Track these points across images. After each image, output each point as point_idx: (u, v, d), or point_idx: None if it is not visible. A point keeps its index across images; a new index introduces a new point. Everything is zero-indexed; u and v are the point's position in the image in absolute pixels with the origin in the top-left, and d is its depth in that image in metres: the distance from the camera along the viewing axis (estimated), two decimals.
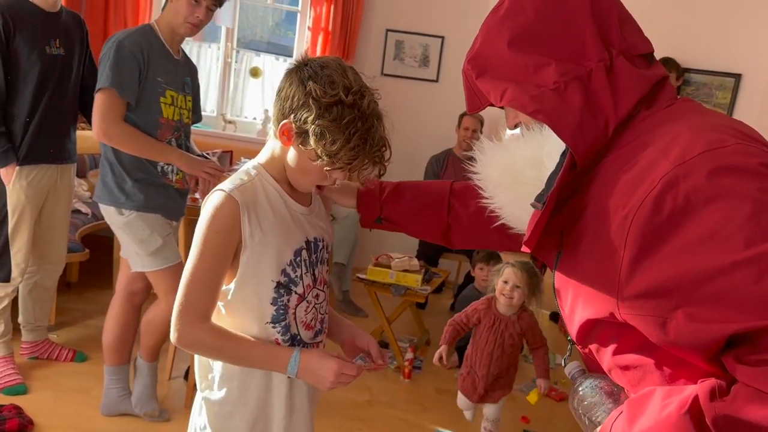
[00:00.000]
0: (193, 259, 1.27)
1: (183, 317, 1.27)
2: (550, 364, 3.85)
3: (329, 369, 1.30)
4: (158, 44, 2.41)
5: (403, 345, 3.62)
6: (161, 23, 2.44)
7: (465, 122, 4.50)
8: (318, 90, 1.22)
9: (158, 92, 2.40)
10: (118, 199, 2.42)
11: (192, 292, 1.27)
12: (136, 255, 2.48)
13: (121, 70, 2.29)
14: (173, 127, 2.47)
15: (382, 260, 3.52)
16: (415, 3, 4.83)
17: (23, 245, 2.78)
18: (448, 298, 4.76)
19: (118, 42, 2.32)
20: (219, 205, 1.26)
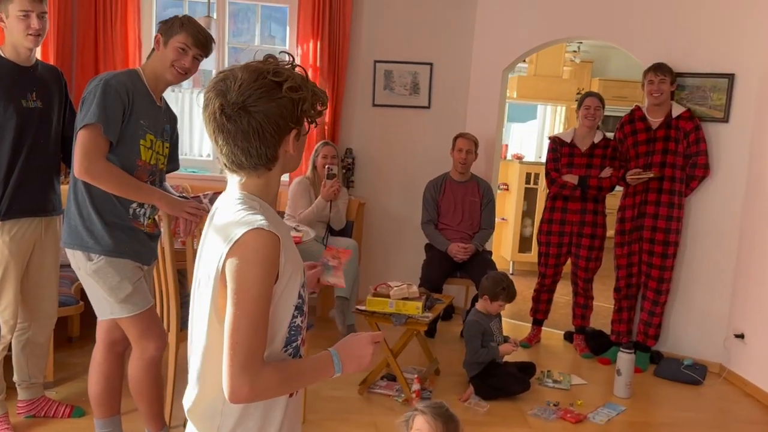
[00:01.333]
0: (248, 304, 1.22)
1: (251, 369, 1.23)
2: (565, 386, 3.74)
3: (365, 343, 1.38)
4: (142, 88, 2.42)
5: (410, 376, 3.51)
6: (147, 69, 2.46)
7: (459, 144, 4.45)
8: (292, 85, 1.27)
9: (139, 134, 2.39)
10: (86, 243, 2.37)
11: (253, 340, 1.23)
12: (106, 302, 2.42)
13: (107, 108, 2.29)
14: (149, 170, 2.45)
15: (381, 290, 3.43)
16: (400, 32, 4.83)
17: (10, 302, 2.74)
18: (458, 324, 4.64)
19: (105, 81, 2.32)
20: (266, 244, 1.24)
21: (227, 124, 1.27)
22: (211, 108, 1.28)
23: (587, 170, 4.19)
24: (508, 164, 6.90)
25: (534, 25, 4.69)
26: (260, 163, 1.31)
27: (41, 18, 2.61)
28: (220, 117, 1.27)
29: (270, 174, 1.35)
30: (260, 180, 1.35)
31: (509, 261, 6.65)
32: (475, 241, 4.42)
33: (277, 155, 1.32)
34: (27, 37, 2.60)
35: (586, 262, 4.28)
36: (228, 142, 1.28)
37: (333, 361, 1.35)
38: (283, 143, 1.31)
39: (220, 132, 1.28)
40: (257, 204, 1.33)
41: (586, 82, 7.70)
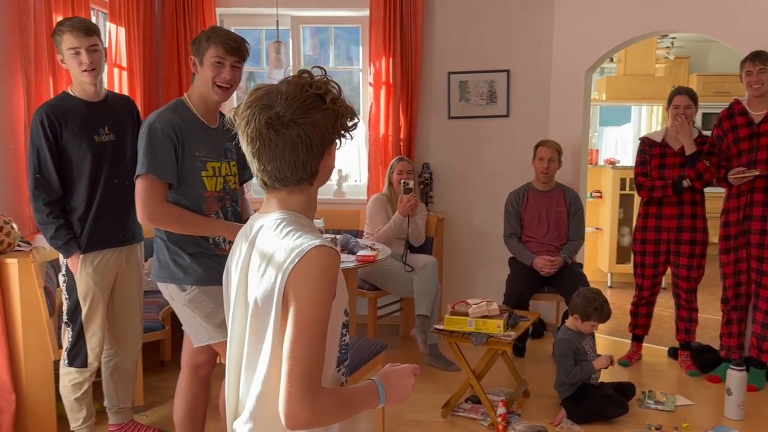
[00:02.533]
0: (311, 324, 1.19)
1: (311, 391, 1.18)
2: (669, 407, 3.43)
3: (407, 375, 1.36)
4: (191, 118, 2.41)
5: (496, 398, 3.34)
6: (193, 96, 2.45)
7: (540, 152, 4.25)
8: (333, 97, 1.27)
9: (198, 167, 2.40)
10: (177, 275, 2.42)
11: (314, 361, 1.19)
12: (203, 329, 2.45)
13: (157, 153, 2.30)
14: (218, 197, 2.46)
15: (459, 308, 3.29)
16: (473, 42, 4.71)
17: (97, 330, 2.84)
18: (550, 342, 4.40)
19: (149, 126, 2.33)
20: (330, 261, 1.21)
21: (275, 138, 1.24)
22: (255, 124, 1.25)
23: (681, 171, 3.86)
24: (601, 170, 6.56)
25: (617, 21, 4.43)
26: (305, 177, 1.29)
27: (93, 52, 2.68)
28: (267, 131, 1.24)
29: (311, 189, 1.33)
30: (302, 196, 1.32)
31: (606, 273, 6.28)
32: (563, 254, 4.19)
33: (320, 168, 1.30)
34: (83, 74, 2.68)
35: (687, 272, 3.94)
36: (275, 156, 1.25)
37: (378, 391, 1.30)
38: (325, 155, 1.30)
39: (267, 147, 1.25)
40: (305, 221, 1.31)
41: (682, 79, 7.21)
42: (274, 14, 4.40)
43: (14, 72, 3.30)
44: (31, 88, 3.28)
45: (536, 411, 3.44)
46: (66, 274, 2.80)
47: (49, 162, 2.67)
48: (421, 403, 3.49)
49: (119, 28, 4.08)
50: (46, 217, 2.69)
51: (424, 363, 4.07)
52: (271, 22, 4.47)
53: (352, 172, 5.08)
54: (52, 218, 2.70)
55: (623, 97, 7.11)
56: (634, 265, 4.16)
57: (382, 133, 4.66)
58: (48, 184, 2.68)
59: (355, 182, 5.05)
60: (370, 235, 4.28)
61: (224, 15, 4.88)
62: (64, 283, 2.82)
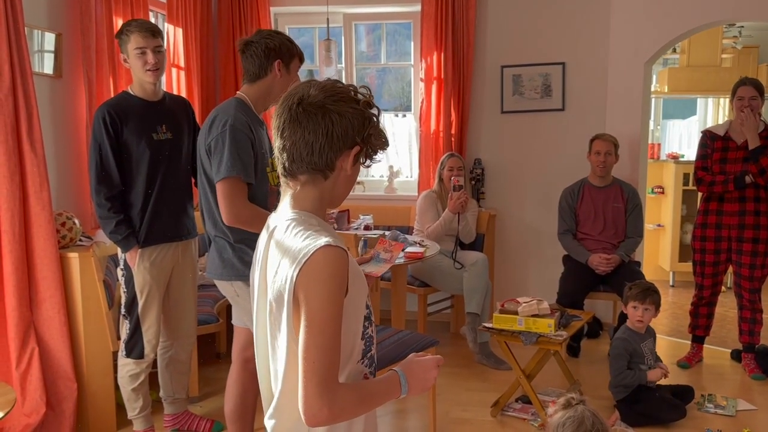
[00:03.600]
0: (322, 324, 1.20)
1: (329, 389, 1.20)
2: (730, 411, 3.29)
3: (430, 366, 1.37)
4: (252, 115, 2.47)
5: (547, 398, 3.28)
6: (251, 95, 2.50)
7: (596, 146, 4.13)
8: (368, 101, 1.30)
9: (265, 164, 2.47)
10: (244, 272, 2.44)
11: (330, 359, 1.21)
12: None
13: (241, 154, 2.34)
14: (275, 192, 2.50)
15: (509, 306, 3.24)
16: (527, 34, 4.62)
17: (153, 322, 2.93)
18: (606, 343, 4.28)
19: (231, 126, 2.36)
20: (335, 260, 1.22)
21: (301, 115, 1.27)
22: (288, 102, 1.30)
23: (744, 165, 3.69)
24: (663, 165, 6.33)
25: (679, 10, 4.26)
26: (319, 165, 1.29)
27: (157, 52, 2.78)
28: (296, 108, 1.28)
29: (324, 185, 1.33)
30: (315, 190, 1.33)
31: (668, 271, 6.07)
32: (620, 251, 4.06)
33: (335, 165, 1.30)
34: (146, 73, 2.77)
35: (749, 271, 3.76)
36: (295, 133, 1.28)
37: (400, 382, 1.33)
38: (344, 154, 1.30)
39: (290, 122, 1.29)
40: (315, 221, 1.31)
41: (751, 69, 6.87)
42: (326, 12, 4.43)
43: (77, 73, 3.43)
44: (93, 88, 3.41)
45: None
46: (124, 267, 2.90)
47: (111, 158, 2.76)
48: (470, 401, 3.46)
49: (177, 29, 4.20)
50: (107, 212, 2.78)
51: (475, 361, 4.03)
52: (324, 20, 4.51)
53: (403, 168, 5.08)
54: (113, 213, 2.79)
55: (687, 89, 6.84)
56: (693, 264, 4.00)
57: (434, 128, 4.63)
58: (109, 180, 2.78)
59: (406, 178, 5.04)
60: (420, 232, 4.26)
61: (279, 14, 4.95)
62: (123, 276, 2.92)
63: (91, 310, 3.02)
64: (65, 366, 2.98)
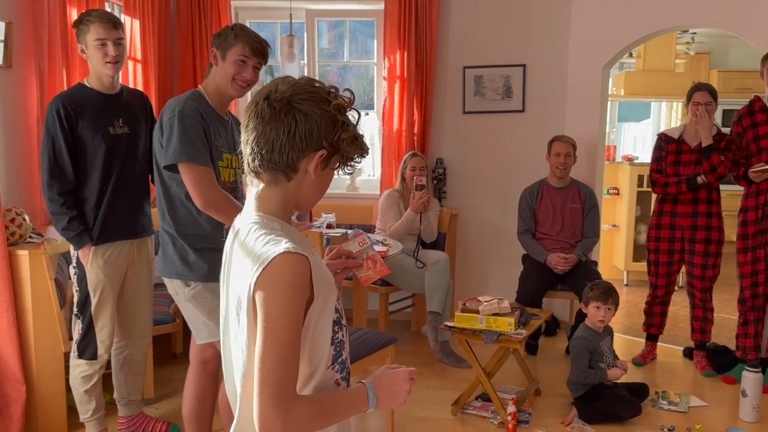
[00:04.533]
0: (279, 333, 1.15)
1: (283, 402, 1.15)
2: (683, 408, 3.38)
3: (402, 380, 1.32)
4: (209, 109, 2.41)
5: (507, 396, 3.30)
6: (208, 87, 2.43)
7: (555, 147, 4.19)
8: (341, 105, 1.25)
9: (216, 157, 2.38)
10: (182, 271, 2.41)
11: (285, 370, 1.16)
12: (204, 326, 2.43)
13: (193, 139, 2.28)
14: (230, 188, 2.45)
15: (470, 305, 3.26)
16: (489, 36, 4.66)
17: (107, 322, 2.84)
18: (563, 341, 4.35)
19: (179, 112, 2.30)
20: (295, 267, 1.17)
21: (266, 110, 1.23)
22: (257, 97, 1.26)
23: (696, 168, 3.79)
24: (618, 167, 6.47)
25: (636, 16, 4.35)
26: (279, 164, 1.24)
27: (118, 45, 2.70)
28: (262, 103, 1.24)
29: (287, 186, 1.28)
30: (277, 191, 1.29)
31: (623, 271, 6.21)
32: (578, 251, 4.13)
33: (298, 166, 1.26)
34: (106, 65, 2.69)
35: (701, 271, 3.87)
36: (257, 127, 1.24)
37: (368, 396, 1.27)
38: (307, 157, 1.25)
39: (255, 117, 1.25)
40: (278, 224, 1.27)
41: (703, 75, 7.09)
42: (288, 7, 4.38)
43: (28, 63, 3.31)
44: (45, 80, 3.30)
45: (547, 410, 3.40)
46: (77, 266, 2.81)
47: (64, 152, 2.67)
48: (430, 399, 3.47)
49: (134, 21, 4.08)
50: (59, 207, 2.69)
51: (435, 359, 4.05)
52: (286, 15, 4.46)
53: (366, 166, 5.06)
54: (66, 209, 2.70)
55: (642, 92, 7.01)
56: (647, 264, 4.10)
57: (396, 127, 4.63)
58: (62, 174, 2.69)
59: (369, 177, 5.03)
60: (382, 230, 4.25)
61: (239, 8, 4.87)
62: (75, 275, 2.83)
63: (42, 309, 2.91)
64: (13, 368, 2.86)
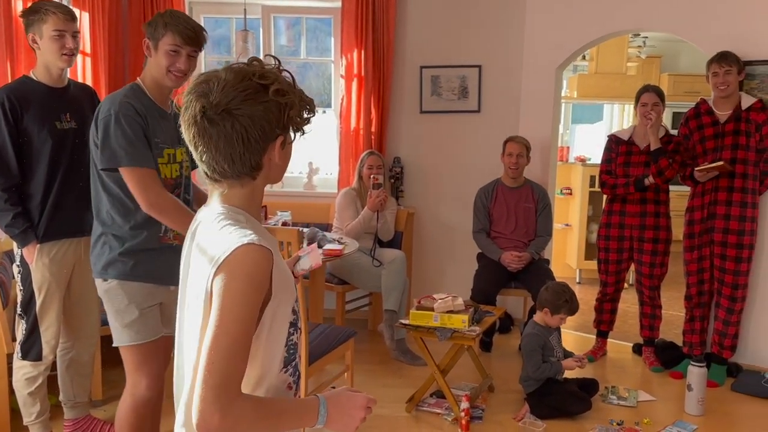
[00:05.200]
0: (230, 324, 1.11)
1: (225, 395, 1.09)
2: (631, 402, 3.46)
3: (359, 406, 1.25)
4: (148, 103, 2.29)
5: (461, 393, 3.33)
6: (146, 80, 2.31)
7: (509, 148, 4.25)
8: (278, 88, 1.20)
9: (156, 153, 2.28)
10: (99, 266, 2.29)
11: (232, 363, 1.11)
12: (113, 327, 2.31)
13: (133, 142, 2.18)
14: (172, 185, 2.35)
15: (425, 302, 3.28)
16: (446, 36, 4.69)
17: (52, 322, 2.76)
18: (516, 338, 4.41)
19: (115, 115, 2.19)
20: (256, 259, 1.14)
21: (209, 128, 1.18)
22: (192, 111, 1.19)
23: (645, 169, 3.89)
24: (571, 167, 6.60)
25: (588, 19, 4.44)
26: (244, 171, 1.22)
27: (75, 37, 2.62)
28: (201, 120, 1.18)
29: (254, 183, 1.27)
30: (244, 190, 1.26)
31: (575, 269, 6.33)
32: (531, 249, 4.20)
33: (262, 163, 1.23)
34: (62, 57, 2.60)
35: (650, 269, 3.98)
36: (210, 148, 1.19)
37: (319, 410, 1.21)
38: (268, 150, 1.23)
39: (201, 137, 1.19)
40: (243, 217, 1.25)
41: (654, 78, 7.29)
42: (243, 2, 4.33)
43: None
44: None
45: (500, 406, 3.45)
46: (21, 264, 2.72)
47: (9, 146, 2.58)
48: (386, 397, 3.48)
49: (83, 13, 3.98)
50: (3, 203, 2.61)
51: (391, 357, 4.05)
52: (242, 11, 4.40)
53: (323, 165, 5.04)
54: (10, 205, 2.61)
55: (594, 95, 7.16)
56: (598, 262, 4.19)
57: (354, 126, 4.62)
58: (6, 169, 2.60)
59: (326, 175, 5.01)
60: (339, 229, 4.24)
61: (193, 2, 4.79)
62: (19, 273, 2.74)
63: None
64: None
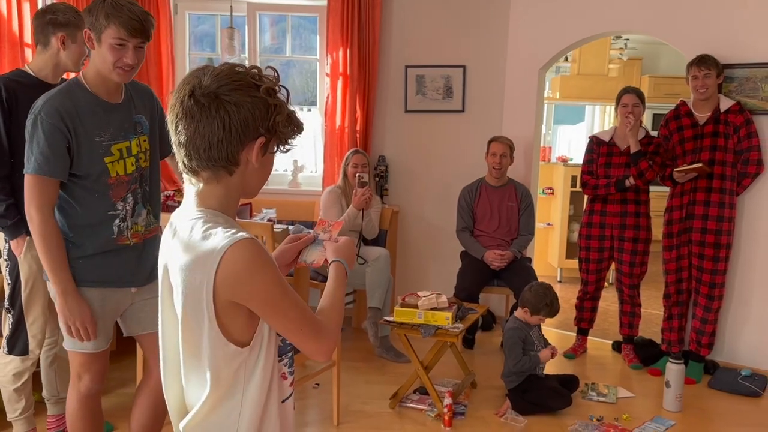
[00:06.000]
0: (282, 301, 1.22)
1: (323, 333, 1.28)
2: (611, 399, 3.53)
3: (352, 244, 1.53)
4: (88, 99, 2.13)
5: (444, 389, 3.38)
6: (89, 73, 2.15)
7: (493, 148, 4.30)
8: (270, 87, 1.22)
9: (100, 153, 2.15)
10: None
11: (306, 313, 1.25)
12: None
13: (43, 149, 2.07)
14: (127, 181, 2.24)
15: (409, 300, 3.32)
16: (431, 36, 4.73)
17: (38, 316, 2.75)
18: (499, 335, 4.47)
19: (35, 115, 2.08)
20: (254, 250, 1.18)
21: (194, 107, 1.18)
22: (180, 93, 1.20)
23: (626, 170, 3.97)
24: (553, 167, 6.68)
25: (571, 21, 4.51)
26: (220, 160, 1.20)
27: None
28: (187, 100, 1.18)
29: (230, 181, 1.24)
30: (219, 187, 1.24)
31: (556, 268, 6.41)
32: (513, 248, 4.26)
33: (239, 159, 1.22)
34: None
35: (630, 268, 4.05)
36: (189, 127, 1.18)
37: (345, 270, 1.45)
38: (247, 147, 1.22)
39: (184, 116, 1.19)
40: (222, 219, 1.24)
41: (635, 80, 7.39)
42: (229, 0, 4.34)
43: None
44: None
45: (482, 402, 3.50)
46: (8, 257, 2.71)
47: (3, 135, 2.57)
48: (370, 393, 3.51)
49: None
50: None
51: (375, 354, 4.09)
52: (227, 8, 4.40)
53: (308, 163, 5.06)
54: (2, 196, 2.59)
55: (576, 96, 7.25)
56: (579, 261, 4.26)
57: (339, 124, 4.64)
58: (0, 158, 2.58)
59: (311, 173, 5.03)
60: None
61: None
62: (7, 267, 2.73)
63: None
64: None
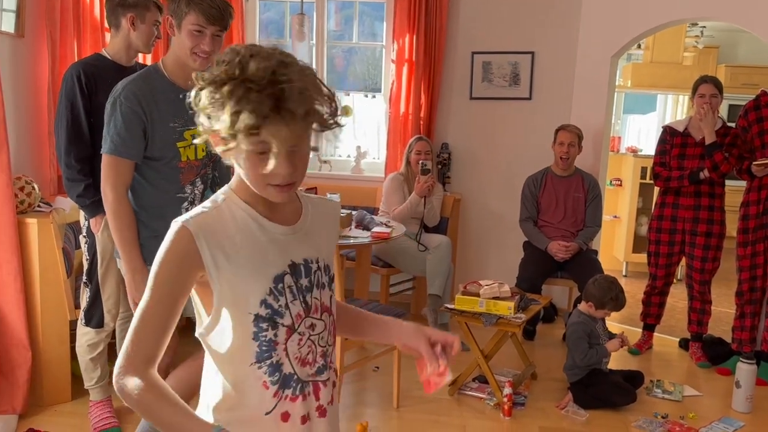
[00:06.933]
0: (145, 297, 1.15)
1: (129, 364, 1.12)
2: (676, 397, 3.43)
3: None
4: (164, 86, 2.22)
5: (504, 379, 3.35)
6: (169, 60, 2.26)
7: (561, 137, 4.21)
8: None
9: (174, 138, 2.24)
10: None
11: (140, 333, 1.14)
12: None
13: (120, 131, 2.16)
14: (197, 166, 2.33)
15: (471, 288, 3.30)
16: (499, 22, 4.66)
17: (113, 291, 2.88)
18: (560, 327, 4.40)
19: (115, 98, 2.18)
20: (171, 237, 1.15)
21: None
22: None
23: (701, 162, 3.81)
24: (622, 158, 6.49)
25: (646, 7, 4.35)
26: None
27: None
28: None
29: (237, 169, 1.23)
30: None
31: (622, 262, 6.25)
32: (579, 240, 4.17)
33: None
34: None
35: (701, 263, 3.91)
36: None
37: None
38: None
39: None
40: (222, 197, 1.22)
41: (710, 69, 7.07)
42: None
43: (40, 33, 3.33)
44: (56, 50, 3.31)
45: (543, 393, 3.46)
46: (87, 234, 2.84)
47: (83, 117, 2.68)
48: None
49: None
50: (76, 174, 2.70)
51: None
52: None
53: (371, 149, 5.08)
54: (82, 176, 2.71)
55: (649, 84, 7.01)
56: (648, 255, 4.13)
57: (403, 111, 4.64)
58: (81, 139, 2.70)
59: (374, 160, 5.05)
60: (385, 213, 4.28)
61: None
62: (86, 243, 2.86)
63: (49, 277, 2.96)
64: (20, 333, 2.91)
